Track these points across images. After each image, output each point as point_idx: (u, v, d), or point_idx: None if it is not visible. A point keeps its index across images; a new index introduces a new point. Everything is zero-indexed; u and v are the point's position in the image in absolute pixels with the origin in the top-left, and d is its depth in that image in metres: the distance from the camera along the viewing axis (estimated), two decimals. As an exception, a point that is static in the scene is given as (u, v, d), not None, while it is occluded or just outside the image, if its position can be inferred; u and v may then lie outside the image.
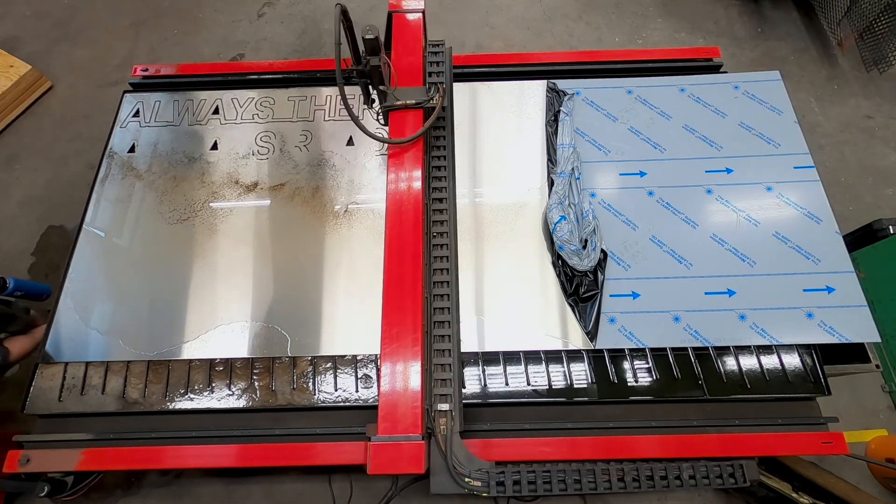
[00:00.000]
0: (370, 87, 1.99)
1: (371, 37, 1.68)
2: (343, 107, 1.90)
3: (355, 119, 1.85)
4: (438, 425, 1.69)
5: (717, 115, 2.41)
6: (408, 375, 1.65)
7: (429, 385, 1.75)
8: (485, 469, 1.65)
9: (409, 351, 1.67)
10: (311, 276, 2.12)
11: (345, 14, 1.64)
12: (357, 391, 1.93)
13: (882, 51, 3.34)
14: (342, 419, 1.90)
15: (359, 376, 1.95)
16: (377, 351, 1.91)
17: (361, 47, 1.81)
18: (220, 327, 2.03)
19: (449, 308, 1.89)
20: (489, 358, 1.97)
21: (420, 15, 2.33)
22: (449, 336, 1.84)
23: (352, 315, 2.03)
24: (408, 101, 1.99)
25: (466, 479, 1.62)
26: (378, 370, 1.90)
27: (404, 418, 1.59)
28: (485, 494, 1.62)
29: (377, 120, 2.28)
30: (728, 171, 2.27)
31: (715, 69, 2.63)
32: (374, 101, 2.09)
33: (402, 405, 1.61)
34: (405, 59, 2.18)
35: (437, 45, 2.24)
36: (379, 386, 1.65)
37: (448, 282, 1.93)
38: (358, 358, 1.98)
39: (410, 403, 1.61)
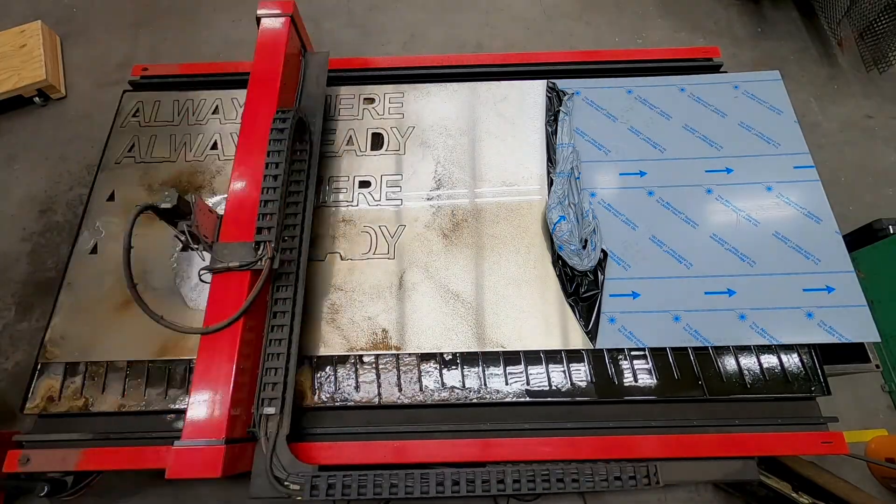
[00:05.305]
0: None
1: (168, 206, 1.44)
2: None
3: (154, 316, 1.60)
4: (264, 429, 1.67)
5: (717, 115, 2.40)
6: (217, 379, 1.61)
7: (259, 388, 1.72)
8: (305, 473, 1.63)
9: (225, 355, 1.64)
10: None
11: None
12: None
13: (882, 51, 3.34)
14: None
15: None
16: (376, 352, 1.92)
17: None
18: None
19: (286, 312, 1.82)
20: (489, 357, 1.97)
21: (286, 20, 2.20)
22: (283, 340, 1.79)
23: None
24: (230, 264, 1.71)
25: (285, 483, 1.61)
26: (189, 375, 1.90)
27: (209, 423, 1.57)
28: (298, 498, 1.61)
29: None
30: (728, 170, 2.27)
31: (715, 69, 2.63)
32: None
33: (209, 410, 1.59)
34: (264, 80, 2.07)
35: (284, 117, 1.88)
36: (190, 391, 1.61)
37: (290, 286, 1.86)
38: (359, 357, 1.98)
39: (217, 408, 1.59)
